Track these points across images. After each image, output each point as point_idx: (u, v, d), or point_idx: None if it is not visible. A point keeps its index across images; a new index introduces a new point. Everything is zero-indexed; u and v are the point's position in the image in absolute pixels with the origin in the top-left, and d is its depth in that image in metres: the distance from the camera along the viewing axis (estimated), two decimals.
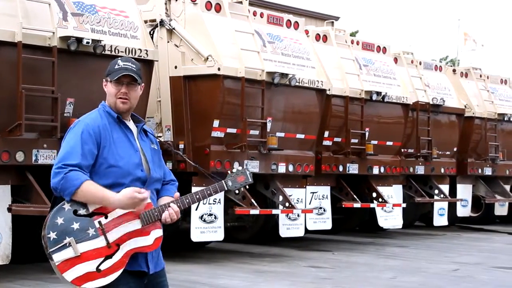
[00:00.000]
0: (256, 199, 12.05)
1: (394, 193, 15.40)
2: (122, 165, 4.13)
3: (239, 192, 11.69)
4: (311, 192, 13.79)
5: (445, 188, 17.32)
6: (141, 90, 4.34)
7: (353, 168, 14.29)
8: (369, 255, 13.23)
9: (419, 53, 19.61)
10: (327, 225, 14.10)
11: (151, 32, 11.62)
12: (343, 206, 14.36)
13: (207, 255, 12.52)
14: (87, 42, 9.73)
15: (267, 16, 12.90)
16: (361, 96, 14.18)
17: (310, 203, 13.67)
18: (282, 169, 12.48)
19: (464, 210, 18.42)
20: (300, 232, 13.18)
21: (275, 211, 12.38)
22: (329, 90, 13.35)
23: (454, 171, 17.65)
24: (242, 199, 11.88)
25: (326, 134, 13.81)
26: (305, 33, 13.60)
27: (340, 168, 14.08)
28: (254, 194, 12.15)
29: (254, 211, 11.99)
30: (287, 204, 12.34)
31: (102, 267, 4.02)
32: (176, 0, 11.85)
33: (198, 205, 11.30)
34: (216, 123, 11.44)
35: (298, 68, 12.71)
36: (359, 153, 14.28)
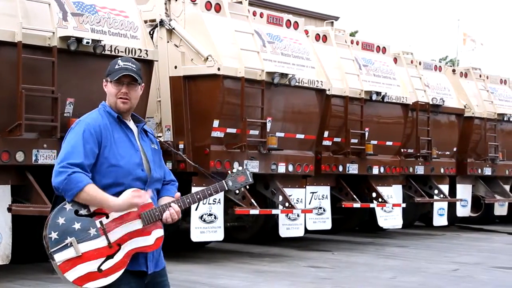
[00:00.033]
0: (256, 199, 12.05)
1: (394, 193, 15.40)
2: (123, 165, 4.14)
3: (239, 192, 11.76)
4: (311, 192, 13.79)
5: (445, 188, 17.32)
6: (141, 90, 4.35)
7: (353, 168, 14.29)
8: (369, 255, 13.23)
9: (419, 53, 19.63)
10: (327, 225, 14.10)
11: (151, 32, 11.62)
12: (343, 206, 14.37)
13: (207, 255, 12.52)
14: (87, 42, 9.73)
15: (267, 16, 12.90)
16: (361, 96, 14.18)
17: (310, 203, 13.68)
18: (282, 169, 12.48)
19: (464, 210, 18.42)
20: (300, 232, 13.19)
21: (275, 211, 12.38)
22: (329, 90, 13.35)
23: (454, 171, 17.65)
24: (242, 199, 11.88)
25: (326, 134, 13.81)
26: (305, 33, 13.60)
27: (340, 168, 14.08)
28: (254, 194, 12.15)
29: (254, 211, 11.99)
30: (287, 204, 12.34)
31: (104, 267, 4.03)
32: (176, 0, 11.85)
33: (198, 205, 11.30)
34: (216, 123, 11.44)
35: (298, 68, 12.71)
36: (359, 153, 14.28)
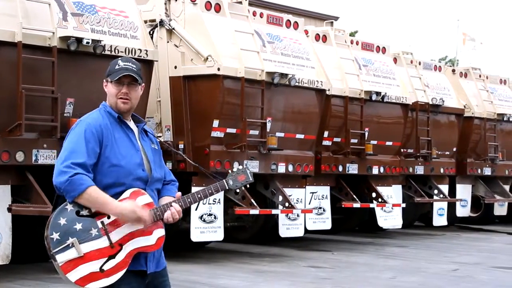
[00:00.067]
0: (256, 199, 12.05)
1: (394, 193, 15.40)
2: (124, 165, 4.14)
3: (239, 192, 11.76)
4: (311, 192, 13.79)
5: (445, 188, 17.32)
6: (142, 90, 4.35)
7: (353, 168, 14.29)
8: (369, 255, 13.23)
9: (419, 53, 19.66)
10: (327, 225, 14.10)
11: (151, 32, 11.62)
12: (343, 206, 14.37)
13: (207, 255, 12.52)
14: (87, 42, 9.73)
15: (267, 16, 12.90)
16: (361, 96, 14.18)
17: (310, 203, 13.68)
18: (282, 169, 12.48)
19: (464, 210, 18.42)
20: (300, 232, 13.19)
21: (275, 211, 12.38)
22: (329, 90, 13.35)
23: (454, 171, 17.65)
24: (242, 199, 11.88)
25: (326, 134, 13.81)
26: (305, 33, 13.60)
27: (340, 168, 14.08)
28: (254, 194, 12.15)
29: (254, 211, 11.99)
30: (287, 204, 12.34)
31: (106, 267, 4.03)
32: (176, 0, 11.85)
33: (198, 205, 11.30)
34: (216, 123, 11.44)
35: (298, 68, 12.71)
36: (359, 153, 14.28)
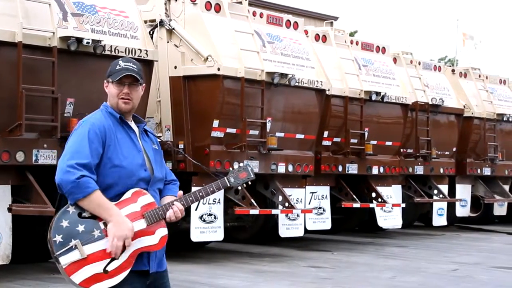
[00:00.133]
0: (256, 199, 12.05)
1: (394, 193, 15.41)
2: (126, 165, 4.14)
3: (239, 192, 11.77)
4: (311, 192, 13.80)
5: (444, 188, 17.33)
6: (143, 90, 4.35)
7: (353, 168, 14.29)
8: (369, 255, 13.24)
9: (418, 53, 19.67)
10: (327, 225, 14.10)
11: (151, 32, 11.62)
12: (343, 206, 14.36)
13: (207, 255, 12.52)
14: (87, 42, 9.73)
15: (267, 16, 12.90)
16: (361, 96, 14.18)
17: (310, 203, 13.68)
18: (282, 169, 12.48)
19: (463, 210, 18.43)
20: (300, 232, 13.19)
21: (275, 211, 12.38)
22: (329, 90, 13.35)
23: (453, 171, 17.66)
24: (242, 199, 11.88)
25: (326, 134, 13.82)
26: (305, 33, 13.60)
27: (340, 168, 14.09)
28: (254, 194, 12.15)
29: (254, 211, 11.99)
30: (287, 204, 12.34)
31: (109, 268, 4.03)
32: (176, 0, 11.85)
33: (198, 205, 11.30)
34: (216, 123, 11.44)
35: (298, 68, 12.72)
36: (359, 153, 14.28)
